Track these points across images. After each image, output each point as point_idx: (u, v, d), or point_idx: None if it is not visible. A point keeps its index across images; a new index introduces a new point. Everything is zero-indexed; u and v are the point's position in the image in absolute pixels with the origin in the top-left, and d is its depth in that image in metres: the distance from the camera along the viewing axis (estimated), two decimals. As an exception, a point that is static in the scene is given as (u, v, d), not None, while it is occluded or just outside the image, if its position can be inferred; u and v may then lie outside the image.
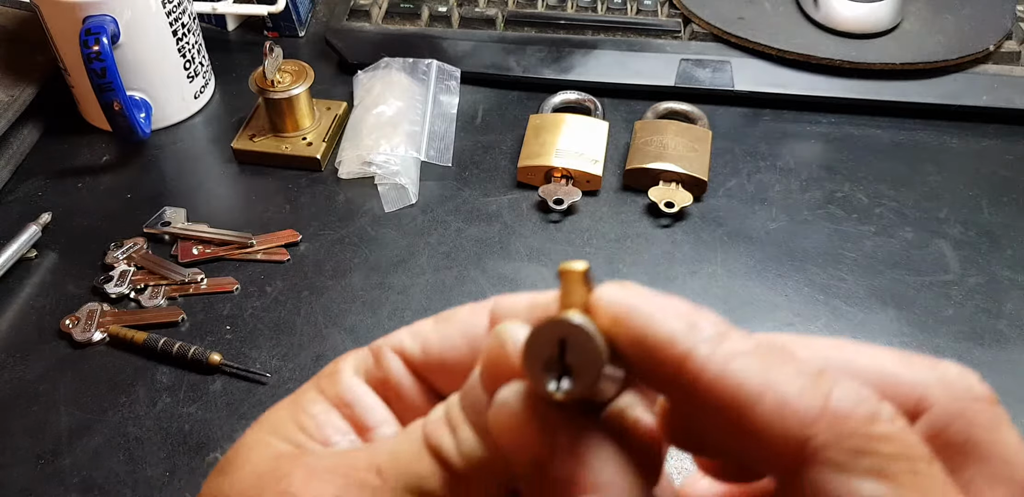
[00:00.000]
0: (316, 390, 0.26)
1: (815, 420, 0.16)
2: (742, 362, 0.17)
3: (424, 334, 0.25)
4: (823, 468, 0.16)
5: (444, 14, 0.68)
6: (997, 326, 0.51)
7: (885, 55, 0.64)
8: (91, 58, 0.54)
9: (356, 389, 0.26)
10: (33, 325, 0.51)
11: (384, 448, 0.23)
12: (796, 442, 0.16)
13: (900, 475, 0.16)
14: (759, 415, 0.17)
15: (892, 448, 0.16)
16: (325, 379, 0.26)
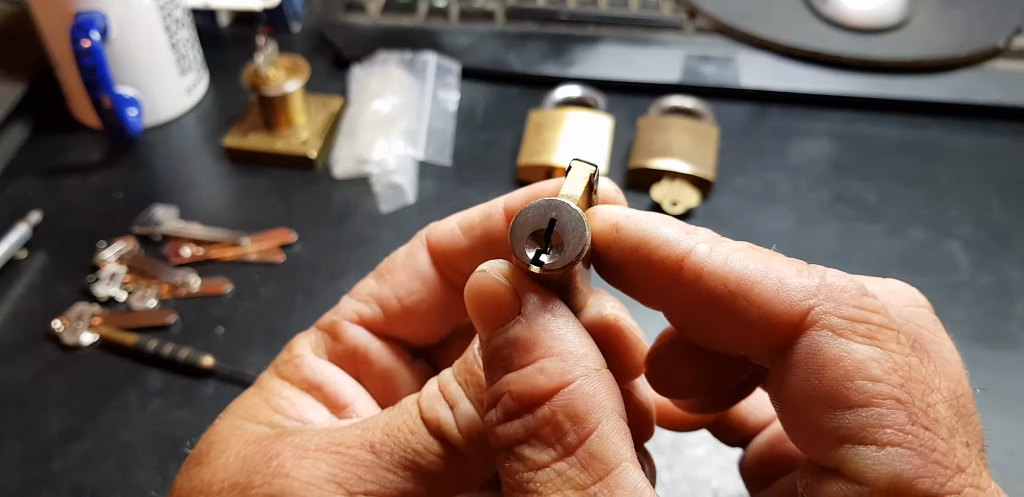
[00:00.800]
0: (280, 377, 0.26)
1: (815, 292, 0.19)
2: (740, 255, 0.20)
3: (376, 294, 0.26)
4: (822, 332, 0.18)
5: (443, 8, 0.67)
6: (1008, 328, 0.50)
7: (894, 50, 0.62)
8: (81, 54, 0.53)
9: (323, 370, 0.26)
10: (22, 327, 0.50)
11: (377, 424, 0.22)
12: (798, 311, 0.18)
13: (887, 342, 0.18)
14: (761, 292, 0.19)
15: (880, 319, 0.19)
16: (285, 366, 0.26)
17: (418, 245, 0.26)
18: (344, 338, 0.26)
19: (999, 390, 0.47)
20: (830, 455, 0.18)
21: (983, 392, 0.48)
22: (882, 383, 0.18)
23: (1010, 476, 0.43)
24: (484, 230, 0.25)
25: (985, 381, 0.46)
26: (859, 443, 0.17)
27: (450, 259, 0.26)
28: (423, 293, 0.26)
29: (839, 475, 0.17)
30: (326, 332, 0.26)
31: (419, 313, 0.26)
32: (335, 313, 0.26)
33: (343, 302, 0.26)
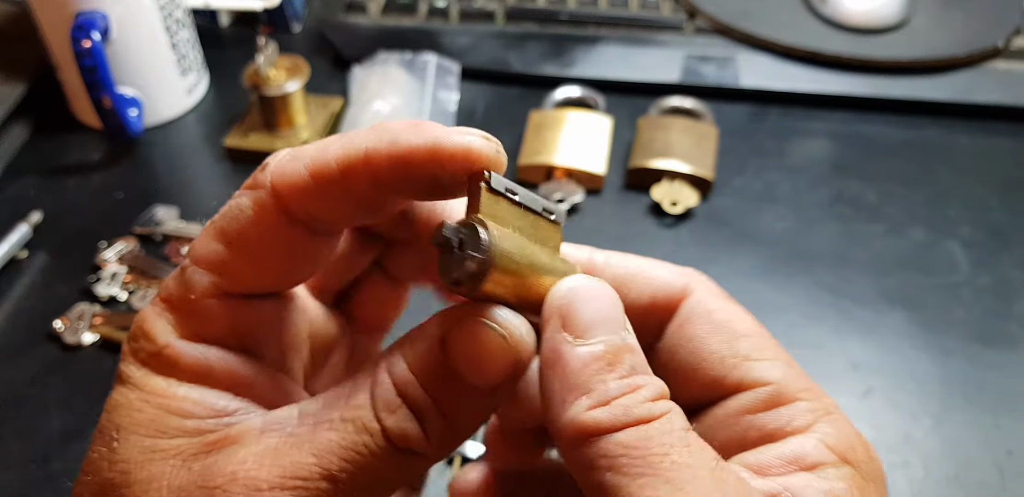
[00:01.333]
0: (156, 374, 0.23)
1: (684, 274, 0.26)
2: (623, 256, 0.27)
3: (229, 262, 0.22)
4: (700, 295, 0.25)
5: (443, 8, 0.67)
6: (1007, 327, 0.50)
7: (893, 51, 0.63)
8: (82, 54, 0.53)
9: (203, 354, 0.23)
10: (23, 327, 0.50)
11: (331, 447, 0.21)
12: (680, 284, 0.26)
13: (740, 305, 0.26)
14: (651, 273, 0.26)
15: (727, 294, 0.26)
16: (156, 359, 0.23)
17: (264, 200, 0.22)
18: (211, 318, 0.23)
19: (998, 390, 0.47)
20: (733, 373, 0.24)
21: (982, 392, 0.49)
22: (750, 324, 0.25)
23: (1010, 476, 0.43)
24: (343, 186, 0.22)
25: (984, 381, 0.47)
26: (756, 359, 0.24)
27: (299, 204, 0.22)
28: (281, 254, 0.23)
29: (738, 392, 0.23)
30: (184, 312, 0.23)
31: (280, 272, 0.23)
32: (187, 288, 0.23)
33: (191, 273, 0.23)
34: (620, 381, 0.20)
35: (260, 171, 0.22)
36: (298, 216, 0.22)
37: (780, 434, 0.22)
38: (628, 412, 0.20)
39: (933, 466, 0.43)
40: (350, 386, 0.22)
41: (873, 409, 0.46)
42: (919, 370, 0.47)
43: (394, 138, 0.21)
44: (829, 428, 0.22)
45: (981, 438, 0.44)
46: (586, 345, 0.21)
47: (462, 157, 0.21)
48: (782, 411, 0.23)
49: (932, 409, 0.46)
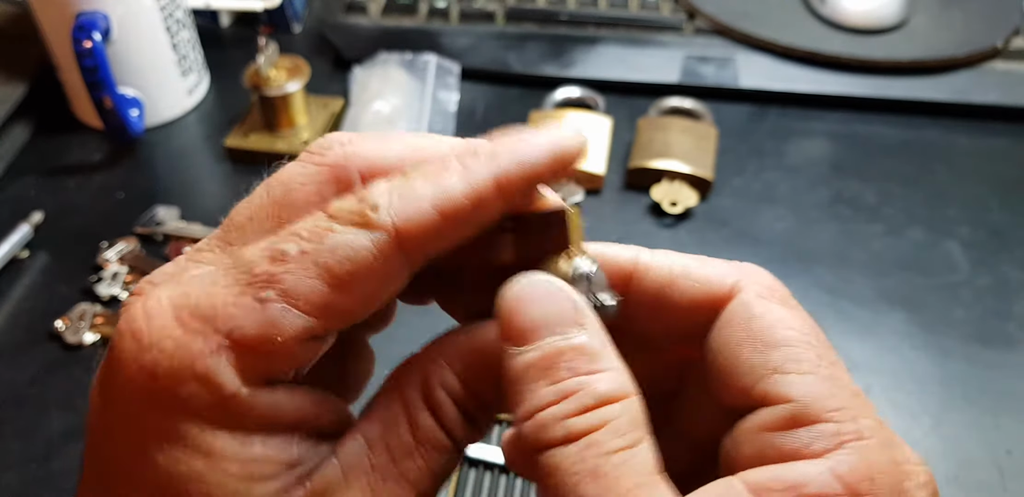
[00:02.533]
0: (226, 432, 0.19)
1: (738, 271, 0.24)
2: (672, 254, 0.24)
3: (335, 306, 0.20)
4: (748, 296, 0.23)
5: (443, 9, 0.67)
6: (1006, 328, 0.50)
7: (893, 51, 0.63)
8: (83, 55, 0.53)
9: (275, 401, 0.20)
10: (24, 327, 0.50)
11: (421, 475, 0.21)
12: (729, 283, 0.23)
13: (796, 306, 0.23)
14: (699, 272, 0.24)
15: (786, 292, 0.23)
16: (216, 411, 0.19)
17: (386, 243, 0.20)
18: (289, 360, 0.20)
19: (998, 390, 0.47)
20: (759, 386, 0.22)
21: (982, 392, 0.49)
22: (796, 331, 0.22)
23: (1009, 475, 0.43)
24: (473, 221, 0.21)
25: (984, 381, 0.47)
26: (784, 373, 0.21)
27: (424, 246, 0.21)
28: (387, 295, 0.21)
29: (763, 405, 0.22)
30: (258, 354, 0.20)
31: (373, 309, 0.22)
32: (273, 329, 0.19)
33: (280, 312, 0.19)
34: (550, 388, 0.20)
35: (371, 211, 0.20)
36: (415, 257, 0.21)
37: (795, 457, 0.20)
38: (547, 429, 0.19)
39: (933, 466, 0.43)
40: (400, 403, 0.22)
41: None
42: (918, 370, 0.48)
43: (517, 158, 0.21)
44: (849, 456, 0.20)
45: (981, 438, 0.45)
46: (522, 353, 0.20)
47: (580, 155, 0.22)
48: (801, 433, 0.21)
49: (931, 409, 0.46)
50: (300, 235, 0.20)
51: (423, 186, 0.20)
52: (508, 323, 0.21)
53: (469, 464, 0.42)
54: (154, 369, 0.19)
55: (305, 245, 0.20)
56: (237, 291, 0.19)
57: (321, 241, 0.20)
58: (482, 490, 0.41)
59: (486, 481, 0.42)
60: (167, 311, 0.19)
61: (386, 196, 0.20)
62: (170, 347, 0.19)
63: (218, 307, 0.19)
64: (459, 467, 0.42)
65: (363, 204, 0.20)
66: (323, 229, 0.20)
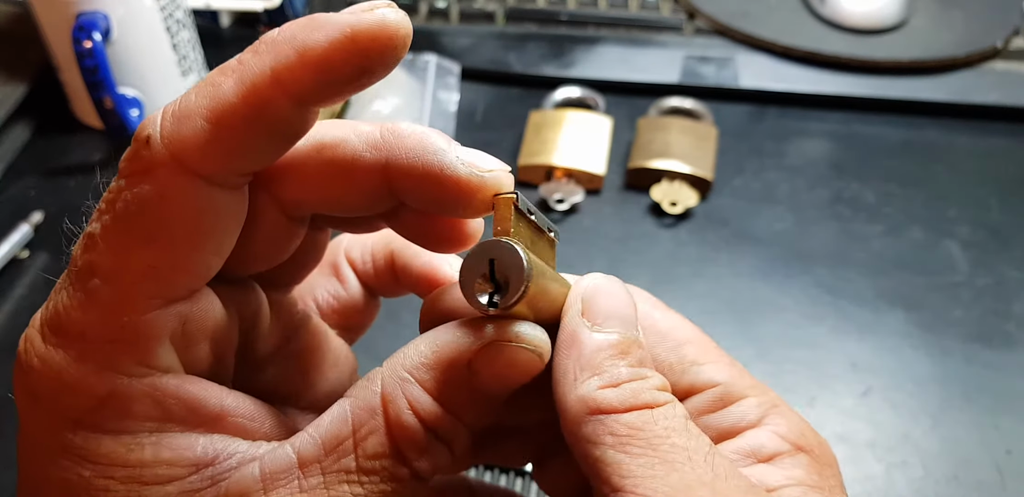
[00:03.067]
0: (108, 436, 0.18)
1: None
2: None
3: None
4: (644, 305, 0.25)
5: (443, 9, 0.67)
6: (1006, 328, 0.50)
7: (892, 51, 0.63)
8: (83, 55, 0.53)
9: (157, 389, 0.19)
10: (24, 326, 0.50)
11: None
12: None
13: (673, 311, 0.25)
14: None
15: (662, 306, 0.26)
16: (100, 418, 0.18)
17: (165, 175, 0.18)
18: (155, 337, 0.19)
19: (997, 389, 0.47)
20: (683, 378, 0.24)
21: (981, 391, 0.49)
22: (690, 330, 0.25)
23: (1009, 475, 0.43)
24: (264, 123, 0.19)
25: (983, 380, 0.47)
26: (702, 363, 0.24)
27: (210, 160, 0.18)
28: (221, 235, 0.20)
29: (690, 395, 0.24)
30: (115, 342, 0.19)
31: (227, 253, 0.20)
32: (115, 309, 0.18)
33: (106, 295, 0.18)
34: (630, 368, 0.21)
35: (145, 147, 0.18)
36: (215, 178, 0.18)
37: (735, 431, 0.23)
38: (636, 396, 0.21)
39: (932, 465, 0.43)
40: (349, 424, 0.20)
41: (872, 409, 0.46)
42: (918, 370, 0.48)
43: (298, 44, 0.18)
44: (779, 419, 0.23)
45: (980, 437, 0.45)
46: (603, 332, 0.22)
47: (383, 35, 0.18)
48: (733, 409, 0.23)
49: (931, 409, 0.46)
50: (100, 210, 0.19)
51: (196, 99, 0.18)
52: (592, 303, 0.22)
53: (469, 464, 0.42)
54: (34, 389, 0.19)
55: (105, 218, 0.19)
56: (72, 290, 0.19)
57: (114, 207, 0.18)
58: (482, 490, 0.41)
59: (486, 481, 0.42)
60: (35, 329, 0.19)
61: (157, 122, 0.18)
62: (38, 365, 0.19)
63: (62, 312, 0.19)
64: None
65: (137, 143, 0.18)
66: (114, 193, 0.19)
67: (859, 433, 0.45)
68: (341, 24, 0.18)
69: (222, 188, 0.19)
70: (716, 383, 0.24)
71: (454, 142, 0.22)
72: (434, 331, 0.21)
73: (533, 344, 0.21)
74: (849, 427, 0.45)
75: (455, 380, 0.20)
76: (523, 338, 0.20)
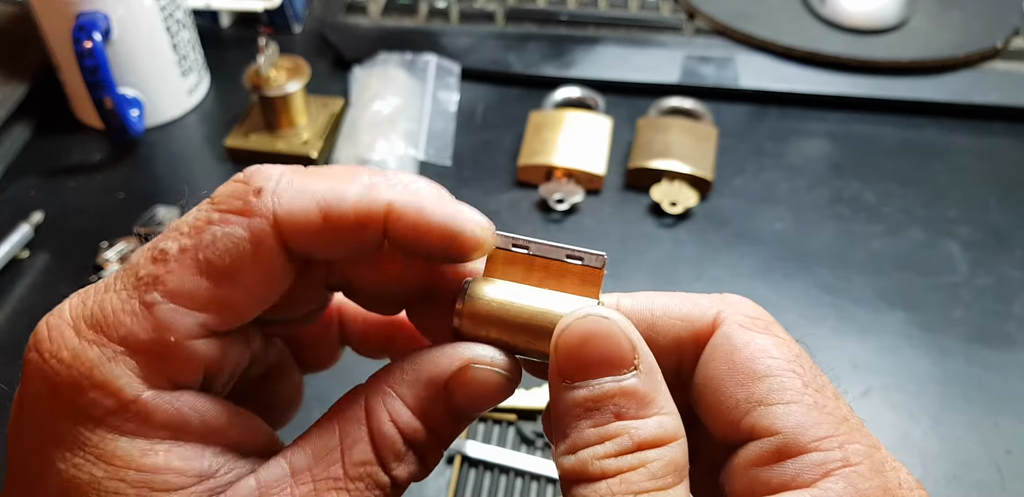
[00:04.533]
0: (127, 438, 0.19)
1: (719, 302, 0.23)
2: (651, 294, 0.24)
3: (218, 298, 0.20)
4: (731, 327, 0.23)
5: (443, 9, 0.67)
6: (1006, 327, 0.50)
7: (892, 51, 0.63)
8: (83, 55, 0.53)
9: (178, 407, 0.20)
10: (25, 326, 0.50)
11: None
12: (711, 316, 0.23)
13: (779, 334, 0.23)
14: (681, 309, 0.24)
15: (769, 318, 0.23)
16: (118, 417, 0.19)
17: (265, 232, 0.20)
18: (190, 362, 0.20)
19: (997, 389, 0.47)
20: (745, 420, 0.21)
21: (981, 391, 0.49)
22: (780, 359, 0.22)
23: (1009, 475, 0.43)
24: (354, 235, 0.20)
25: (983, 380, 0.47)
26: (768, 404, 0.21)
27: (303, 243, 0.20)
28: (274, 287, 0.21)
29: (750, 440, 0.21)
30: (155, 357, 0.19)
31: (266, 304, 0.21)
32: (164, 329, 0.19)
33: (167, 312, 0.19)
34: (593, 430, 0.20)
35: (255, 195, 0.20)
36: (297, 252, 0.21)
37: (784, 490, 0.20)
38: (585, 466, 0.20)
39: (932, 465, 0.43)
40: (336, 435, 0.21)
41: (872, 409, 0.46)
42: (918, 370, 0.48)
43: (420, 204, 0.21)
44: (836, 484, 0.20)
45: (980, 437, 0.45)
46: (573, 389, 0.21)
47: (472, 247, 0.21)
48: (788, 465, 0.20)
49: (931, 409, 0.46)
50: (181, 230, 0.20)
51: (317, 183, 0.20)
52: (564, 357, 0.21)
53: (469, 464, 0.42)
54: (55, 380, 0.19)
55: (184, 241, 0.20)
56: (125, 296, 0.20)
57: (200, 235, 0.20)
58: (482, 490, 0.41)
59: (486, 481, 0.42)
60: (66, 322, 0.20)
61: (273, 180, 0.20)
62: (68, 358, 0.19)
63: (109, 314, 0.19)
64: (459, 467, 0.42)
65: (247, 187, 0.20)
66: (203, 221, 0.20)
67: (859, 433, 0.45)
68: (453, 219, 0.21)
69: (293, 260, 0.21)
70: (776, 431, 0.21)
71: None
72: (414, 353, 0.22)
73: (504, 368, 0.22)
74: (849, 427, 0.45)
75: (432, 397, 0.21)
76: (492, 362, 0.22)
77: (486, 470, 0.42)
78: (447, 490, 0.41)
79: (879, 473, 0.20)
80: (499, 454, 0.42)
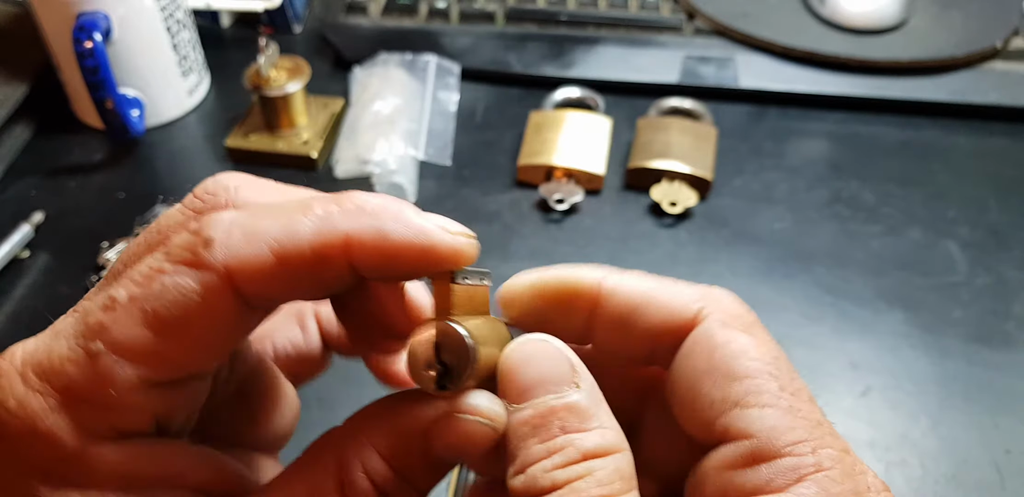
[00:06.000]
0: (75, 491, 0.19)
1: (702, 297, 0.23)
2: (638, 278, 0.24)
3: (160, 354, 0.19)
4: (711, 324, 0.22)
5: (443, 9, 0.67)
6: (1005, 327, 0.50)
7: (892, 52, 0.63)
8: (84, 55, 0.53)
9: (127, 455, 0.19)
10: (25, 327, 0.50)
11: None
12: (692, 310, 0.23)
13: (759, 334, 0.23)
14: (662, 299, 0.23)
15: (751, 318, 0.23)
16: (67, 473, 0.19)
17: (215, 284, 0.19)
18: (133, 412, 0.19)
19: (996, 389, 0.47)
20: (720, 421, 0.21)
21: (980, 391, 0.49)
22: (758, 361, 0.22)
23: (1008, 475, 0.43)
24: (313, 273, 0.20)
25: (982, 380, 0.47)
26: (744, 407, 0.21)
27: (257, 290, 0.20)
28: (224, 337, 0.20)
29: (724, 441, 0.21)
30: (97, 406, 0.19)
31: (216, 354, 0.21)
32: (103, 381, 0.19)
33: (109, 363, 0.19)
34: (540, 445, 0.20)
35: (204, 247, 0.19)
36: (252, 301, 0.20)
37: (757, 494, 0.20)
38: (535, 480, 0.20)
39: (931, 465, 0.44)
40: (306, 484, 0.21)
41: (871, 409, 0.46)
42: (917, 370, 0.48)
43: (380, 227, 0.20)
44: (808, 489, 0.20)
45: (979, 437, 0.45)
46: (517, 411, 0.21)
47: (452, 260, 0.20)
48: (762, 469, 0.20)
49: (930, 408, 0.46)
50: (133, 279, 0.19)
51: (268, 224, 0.19)
52: (506, 381, 0.21)
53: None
54: (2, 429, 0.19)
55: (134, 290, 0.19)
56: (73, 343, 0.19)
57: (149, 284, 0.19)
58: (482, 489, 0.41)
59: (486, 480, 0.42)
60: (15, 368, 0.19)
61: (222, 230, 0.19)
62: (13, 406, 0.19)
63: (56, 362, 0.19)
64: (459, 467, 0.42)
65: (196, 238, 0.19)
66: (155, 270, 0.19)
67: (858, 433, 0.45)
68: (422, 232, 0.20)
69: (253, 310, 0.20)
70: (751, 434, 0.21)
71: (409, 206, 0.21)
72: (392, 397, 0.22)
73: (488, 417, 0.21)
74: (848, 427, 0.45)
75: (409, 448, 0.21)
76: (478, 411, 0.21)
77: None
78: (447, 490, 0.41)
79: (849, 477, 0.20)
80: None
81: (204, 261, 0.19)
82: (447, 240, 0.20)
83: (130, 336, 0.19)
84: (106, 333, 0.19)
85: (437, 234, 0.20)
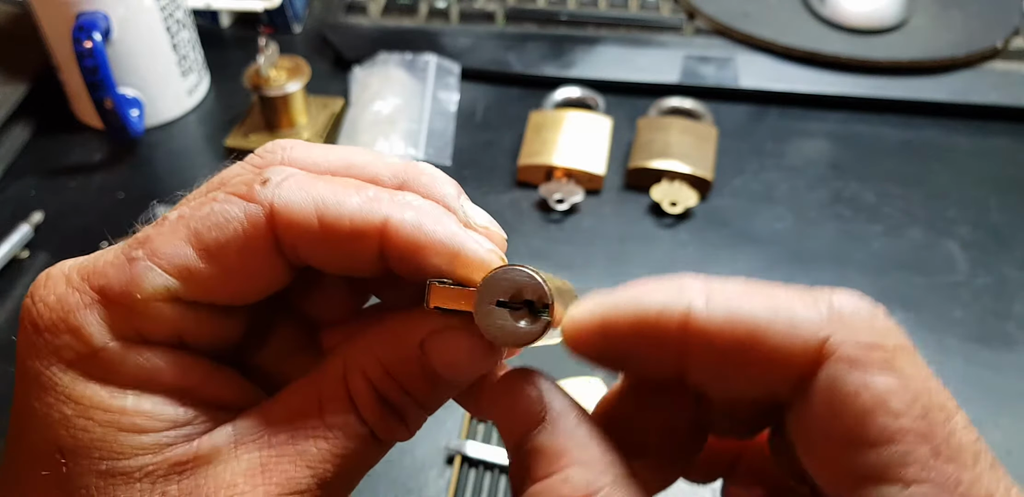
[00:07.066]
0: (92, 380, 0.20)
1: (827, 322, 0.18)
2: (740, 299, 0.19)
3: (196, 271, 0.20)
4: (839, 366, 0.18)
5: (443, 9, 0.67)
6: (1006, 327, 0.50)
7: (892, 51, 0.63)
8: (83, 55, 0.53)
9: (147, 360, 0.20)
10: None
11: (324, 457, 0.20)
12: (814, 346, 0.18)
13: (904, 368, 0.17)
14: (774, 336, 0.18)
15: (894, 341, 0.18)
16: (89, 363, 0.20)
17: (259, 222, 0.20)
18: (157, 321, 0.20)
19: (997, 390, 0.47)
20: (854, 495, 0.17)
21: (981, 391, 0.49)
22: (903, 417, 0.17)
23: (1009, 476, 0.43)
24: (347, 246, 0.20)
25: (983, 381, 0.47)
26: (884, 482, 0.17)
27: (293, 243, 0.21)
28: (255, 277, 0.21)
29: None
30: (124, 309, 0.20)
31: (244, 292, 0.21)
32: (134, 285, 0.20)
33: (144, 270, 0.20)
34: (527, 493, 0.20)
35: (260, 184, 0.20)
36: (285, 250, 0.21)
37: None
38: None
39: (931, 465, 0.43)
40: (316, 389, 0.21)
41: (872, 408, 0.46)
42: (918, 370, 0.48)
43: (419, 222, 0.20)
44: None
45: (979, 437, 0.45)
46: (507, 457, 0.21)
47: (476, 267, 0.21)
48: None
49: (930, 408, 0.46)
50: (188, 203, 0.21)
51: (322, 187, 0.20)
52: (496, 420, 0.21)
53: (469, 464, 0.42)
54: (37, 321, 0.20)
55: (185, 210, 0.21)
56: (119, 250, 0.21)
57: (200, 207, 0.20)
58: (482, 490, 0.41)
59: (486, 481, 0.42)
60: (63, 271, 0.21)
61: (281, 177, 0.21)
62: (52, 301, 0.20)
63: (99, 265, 0.20)
64: (459, 467, 0.42)
65: (256, 177, 0.21)
66: (210, 198, 0.21)
67: (859, 433, 0.45)
68: (455, 237, 0.20)
69: (285, 262, 0.21)
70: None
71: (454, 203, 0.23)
72: (396, 314, 0.22)
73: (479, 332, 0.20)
74: (849, 427, 0.45)
75: (408, 358, 0.21)
76: (469, 325, 0.21)
77: (486, 470, 0.42)
78: (447, 490, 0.41)
79: None
80: (499, 454, 0.42)
81: (255, 195, 0.20)
82: (476, 250, 0.21)
83: (168, 247, 0.20)
84: (148, 242, 0.20)
85: (469, 243, 0.21)
